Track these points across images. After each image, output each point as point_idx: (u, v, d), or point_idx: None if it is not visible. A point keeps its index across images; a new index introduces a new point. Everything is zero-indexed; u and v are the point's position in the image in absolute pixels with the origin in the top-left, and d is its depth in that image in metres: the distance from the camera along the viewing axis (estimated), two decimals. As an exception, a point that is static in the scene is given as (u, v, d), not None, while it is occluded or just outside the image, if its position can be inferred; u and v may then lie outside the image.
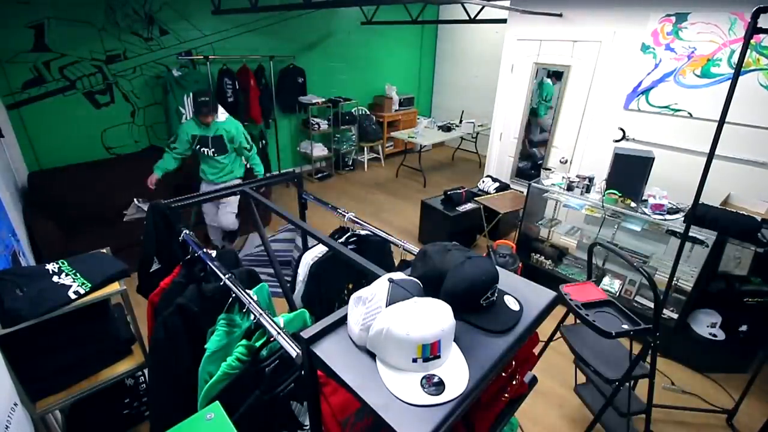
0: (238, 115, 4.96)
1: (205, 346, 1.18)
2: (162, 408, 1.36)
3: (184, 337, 1.26)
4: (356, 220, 1.61)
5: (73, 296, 1.44)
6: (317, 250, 1.57)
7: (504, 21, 4.05)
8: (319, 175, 6.02)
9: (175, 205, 1.56)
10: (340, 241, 1.58)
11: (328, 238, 1.35)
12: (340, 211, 1.65)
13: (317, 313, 1.43)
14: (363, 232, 1.61)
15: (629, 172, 2.75)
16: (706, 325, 2.58)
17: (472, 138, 6.05)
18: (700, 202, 2.48)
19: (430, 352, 0.67)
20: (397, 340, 0.66)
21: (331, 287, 1.59)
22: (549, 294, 0.90)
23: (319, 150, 5.84)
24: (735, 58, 2.78)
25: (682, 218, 2.55)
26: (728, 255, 2.50)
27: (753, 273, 2.49)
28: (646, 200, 2.75)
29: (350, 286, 1.68)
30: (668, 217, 2.61)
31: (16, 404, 1.32)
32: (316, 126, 5.63)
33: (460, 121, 6.15)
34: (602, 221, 2.97)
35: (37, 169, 3.81)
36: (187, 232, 1.47)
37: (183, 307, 1.25)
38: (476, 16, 4.83)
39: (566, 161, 3.89)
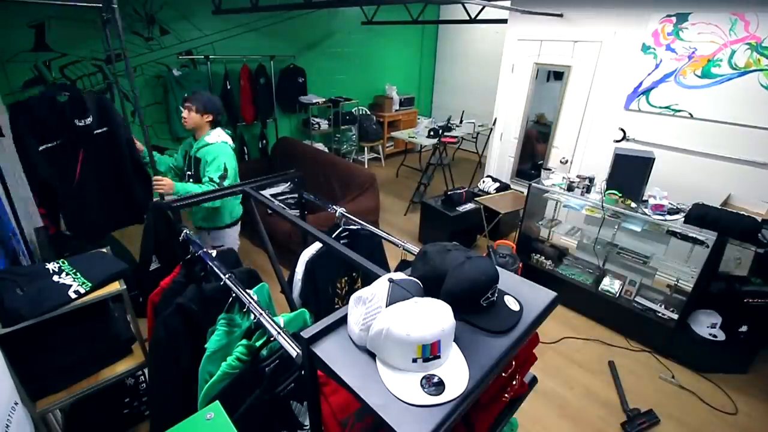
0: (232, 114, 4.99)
1: (205, 346, 1.18)
2: (162, 408, 1.36)
3: (184, 337, 1.27)
4: (347, 215, 1.62)
5: (73, 296, 1.44)
6: (314, 248, 1.58)
7: (504, 21, 4.05)
8: (320, 175, 6.01)
9: (176, 205, 1.56)
10: (332, 236, 1.60)
11: (321, 233, 1.36)
12: (333, 207, 1.68)
13: (314, 310, 1.43)
14: (354, 227, 1.63)
15: (630, 173, 2.75)
16: (707, 325, 2.58)
17: (472, 138, 6.05)
18: (700, 203, 2.48)
19: (430, 352, 0.67)
20: (397, 340, 0.66)
21: (325, 282, 1.60)
22: (549, 294, 0.90)
23: (320, 150, 5.84)
24: (736, 59, 2.78)
25: (683, 219, 2.55)
26: (728, 255, 2.50)
27: (753, 273, 2.48)
28: (647, 201, 2.75)
29: (344, 279, 1.69)
30: (668, 217, 2.61)
31: (16, 403, 1.32)
32: (317, 126, 5.64)
33: (461, 121, 6.14)
34: (602, 221, 2.97)
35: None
36: (188, 231, 1.47)
37: (183, 307, 1.25)
38: (477, 16, 4.83)
39: (567, 161, 3.89)
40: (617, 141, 3.44)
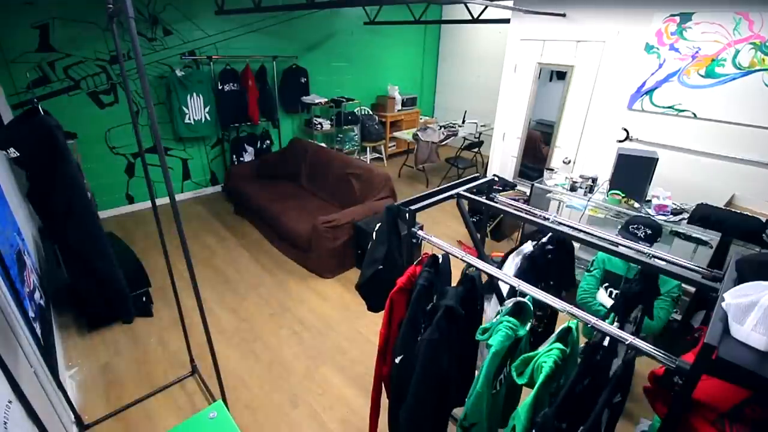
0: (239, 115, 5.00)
1: (489, 342, 1.19)
2: (420, 406, 1.36)
3: (448, 339, 1.29)
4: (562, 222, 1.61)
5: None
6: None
7: (507, 21, 4.05)
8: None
9: (414, 207, 1.52)
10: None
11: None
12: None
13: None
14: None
15: (633, 173, 2.74)
16: (710, 326, 2.56)
17: (474, 138, 6.05)
18: (704, 203, 2.47)
19: None
20: None
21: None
22: None
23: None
24: (740, 58, 2.77)
25: (686, 219, 2.54)
26: (732, 256, 2.49)
27: (757, 274, 2.47)
28: (650, 201, 2.74)
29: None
30: (672, 218, 2.60)
31: (10, 401, 1.32)
32: (319, 126, 5.64)
33: (463, 121, 6.14)
34: (605, 222, 2.96)
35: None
36: (422, 232, 1.51)
37: (452, 310, 1.27)
38: (479, 16, 4.82)
39: (569, 161, 3.88)
40: (620, 141, 3.43)
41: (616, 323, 1.37)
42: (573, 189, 3.03)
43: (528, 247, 1.70)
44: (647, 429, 1.99)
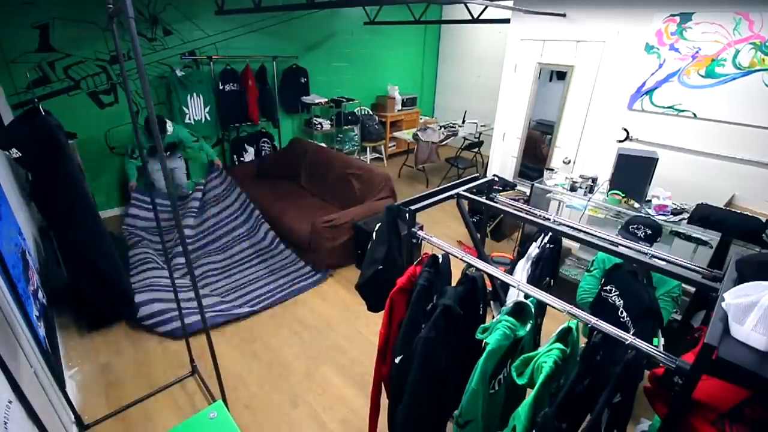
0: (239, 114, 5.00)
1: (487, 340, 1.20)
2: (417, 404, 1.37)
3: (446, 337, 1.30)
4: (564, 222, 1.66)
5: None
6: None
7: (507, 21, 4.05)
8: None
9: (414, 207, 1.52)
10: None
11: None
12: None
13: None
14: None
15: (633, 173, 2.74)
16: (710, 326, 2.56)
17: (475, 138, 6.05)
18: (704, 203, 2.47)
19: None
20: None
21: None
22: None
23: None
24: (740, 58, 2.77)
25: (686, 219, 2.54)
26: (732, 256, 2.48)
27: (757, 274, 2.47)
28: (650, 201, 2.74)
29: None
30: (672, 218, 2.60)
31: (10, 401, 1.32)
32: (319, 126, 5.64)
33: (463, 121, 6.14)
34: (605, 222, 2.96)
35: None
36: (423, 232, 1.51)
37: (450, 309, 1.28)
38: (479, 16, 4.82)
39: (569, 161, 3.88)
40: (620, 141, 3.43)
41: None
42: (573, 189, 3.03)
43: (534, 250, 1.72)
44: (647, 429, 1.99)
